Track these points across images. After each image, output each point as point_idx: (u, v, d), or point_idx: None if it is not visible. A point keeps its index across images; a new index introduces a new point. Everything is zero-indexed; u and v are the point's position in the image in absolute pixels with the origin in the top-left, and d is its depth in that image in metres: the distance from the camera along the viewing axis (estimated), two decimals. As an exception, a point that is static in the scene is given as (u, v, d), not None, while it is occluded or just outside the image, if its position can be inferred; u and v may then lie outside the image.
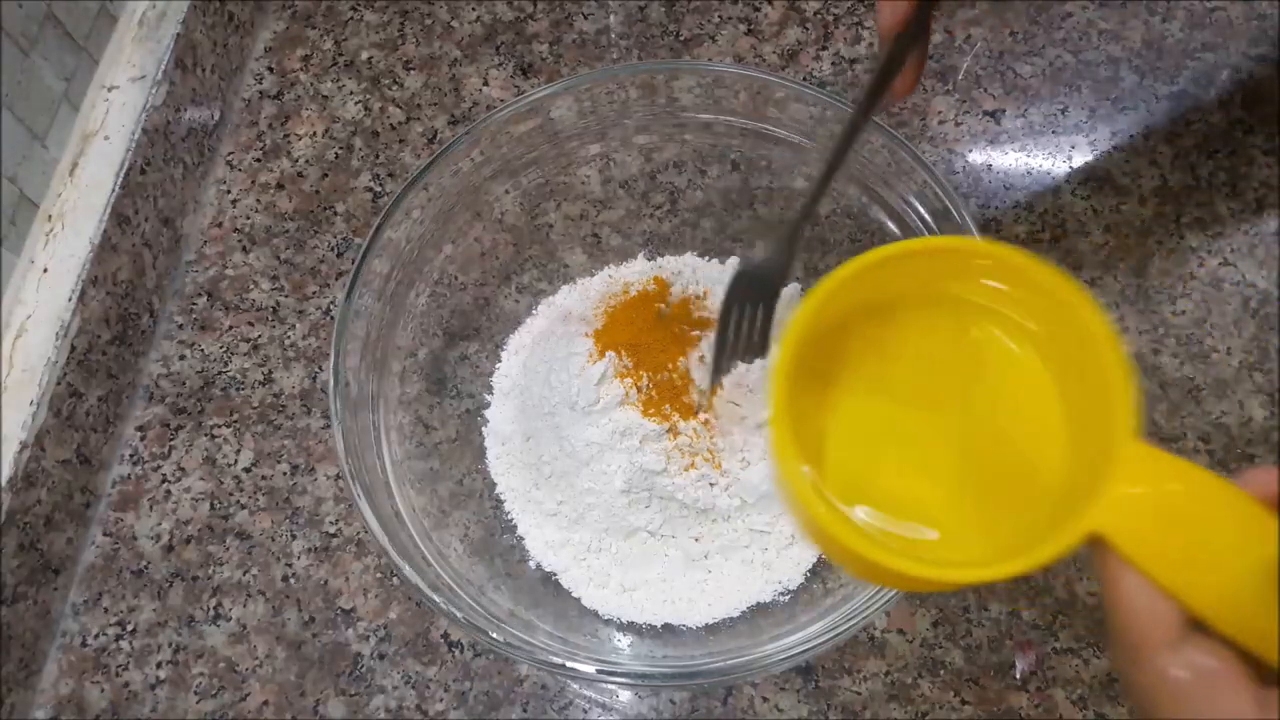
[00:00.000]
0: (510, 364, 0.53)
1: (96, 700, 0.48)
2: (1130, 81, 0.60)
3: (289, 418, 0.54)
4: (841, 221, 0.51)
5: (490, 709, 0.47)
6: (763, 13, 0.64)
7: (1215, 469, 0.52)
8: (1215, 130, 0.58)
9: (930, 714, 0.46)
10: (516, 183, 0.51)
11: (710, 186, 0.54)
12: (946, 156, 0.59)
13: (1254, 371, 0.52)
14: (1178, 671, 0.23)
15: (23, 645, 0.47)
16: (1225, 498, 0.24)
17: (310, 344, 0.56)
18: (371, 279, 0.46)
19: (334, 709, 0.48)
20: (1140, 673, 0.24)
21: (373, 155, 0.61)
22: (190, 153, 0.59)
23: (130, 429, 0.54)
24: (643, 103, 0.50)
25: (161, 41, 0.57)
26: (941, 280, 0.29)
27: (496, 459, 0.51)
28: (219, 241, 0.59)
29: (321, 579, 0.50)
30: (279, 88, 0.64)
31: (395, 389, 0.47)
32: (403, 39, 0.65)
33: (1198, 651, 0.23)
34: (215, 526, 0.52)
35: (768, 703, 0.46)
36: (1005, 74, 0.61)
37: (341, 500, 0.52)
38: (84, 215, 0.52)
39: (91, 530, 0.52)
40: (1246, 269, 0.55)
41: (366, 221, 0.59)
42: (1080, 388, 0.27)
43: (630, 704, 0.47)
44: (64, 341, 0.50)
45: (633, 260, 0.55)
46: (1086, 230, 0.56)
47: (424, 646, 0.49)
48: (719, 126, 0.50)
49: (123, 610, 0.50)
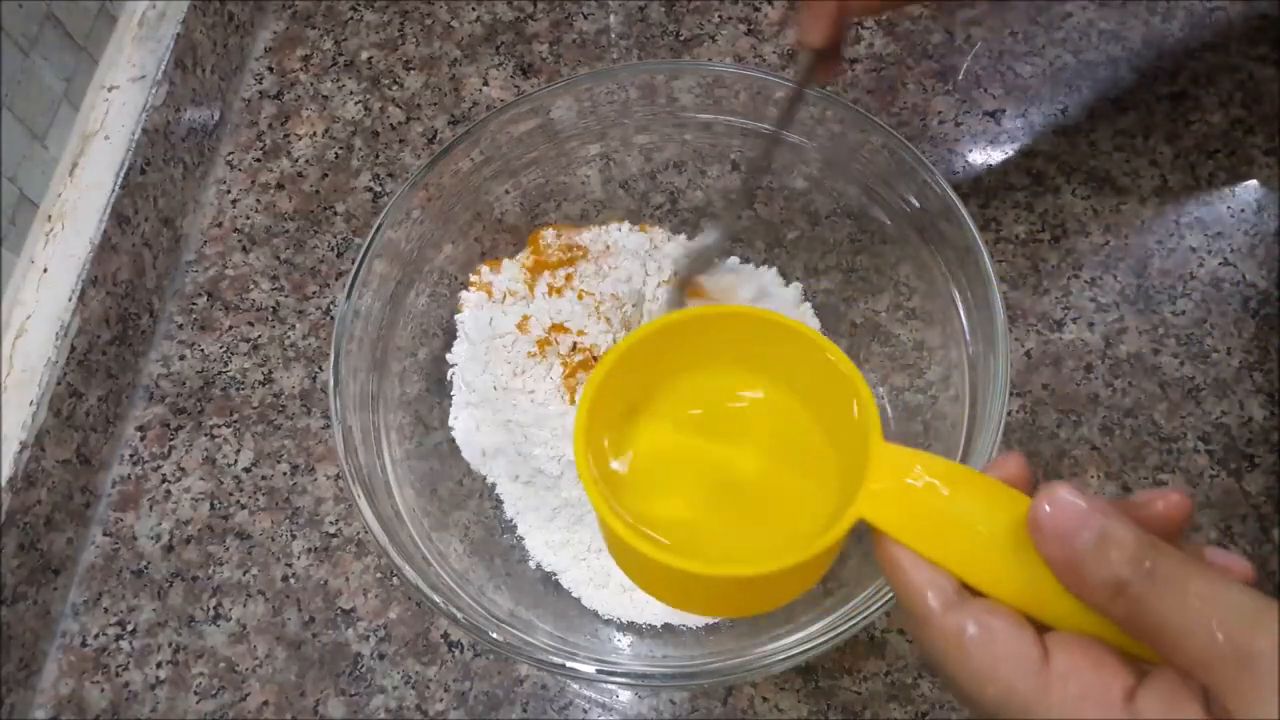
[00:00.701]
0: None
1: (96, 700, 0.48)
2: (1130, 81, 0.60)
3: (289, 418, 0.54)
4: (841, 221, 0.51)
5: (490, 709, 0.47)
6: (763, 13, 0.64)
7: (1215, 469, 0.52)
8: (1215, 130, 0.58)
9: (930, 714, 0.46)
10: (516, 183, 0.51)
11: (710, 186, 0.54)
12: (946, 156, 0.59)
13: (1254, 371, 0.52)
14: (957, 623, 0.25)
15: (23, 645, 0.47)
16: (963, 476, 0.28)
17: (310, 344, 0.56)
18: (371, 279, 0.46)
19: (334, 709, 0.48)
20: (928, 635, 0.26)
21: (373, 155, 0.61)
22: (190, 153, 0.59)
23: (130, 429, 0.54)
24: (643, 103, 0.50)
25: (161, 41, 0.57)
26: (723, 339, 0.34)
27: (492, 464, 0.51)
28: (219, 241, 0.59)
29: (321, 579, 0.50)
30: (279, 88, 0.64)
31: (395, 389, 0.47)
32: (403, 39, 0.65)
33: (975, 607, 0.26)
34: (215, 526, 0.52)
35: (768, 703, 0.46)
36: (1005, 74, 0.61)
37: (341, 500, 0.52)
38: (84, 215, 0.52)
39: (91, 530, 0.52)
40: (1246, 269, 0.55)
41: (366, 221, 0.59)
42: (838, 414, 0.32)
43: (630, 704, 0.47)
44: (64, 341, 0.50)
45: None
46: (1086, 230, 0.56)
47: (424, 646, 0.49)
48: (719, 126, 0.50)
49: (123, 610, 0.50)
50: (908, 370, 0.50)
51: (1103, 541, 0.24)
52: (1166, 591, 0.23)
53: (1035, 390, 0.52)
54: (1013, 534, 0.26)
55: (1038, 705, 0.24)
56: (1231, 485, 0.50)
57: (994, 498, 0.27)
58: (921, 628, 0.26)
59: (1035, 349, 0.53)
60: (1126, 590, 0.24)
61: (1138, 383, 0.52)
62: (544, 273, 0.50)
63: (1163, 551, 0.24)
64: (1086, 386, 0.52)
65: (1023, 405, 0.52)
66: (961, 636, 0.25)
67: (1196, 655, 0.22)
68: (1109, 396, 0.52)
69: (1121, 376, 0.52)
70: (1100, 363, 0.53)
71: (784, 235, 0.54)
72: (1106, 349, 0.53)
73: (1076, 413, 0.52)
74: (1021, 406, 0.52)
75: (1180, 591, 0.23)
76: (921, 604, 0.26)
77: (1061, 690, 0.24)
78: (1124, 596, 0.24)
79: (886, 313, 0.51)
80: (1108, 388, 0.52)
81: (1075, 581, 0.25)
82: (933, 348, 0.48)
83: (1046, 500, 0.25)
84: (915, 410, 0.49)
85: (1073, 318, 0.54)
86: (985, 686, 0.25)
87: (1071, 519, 0.24)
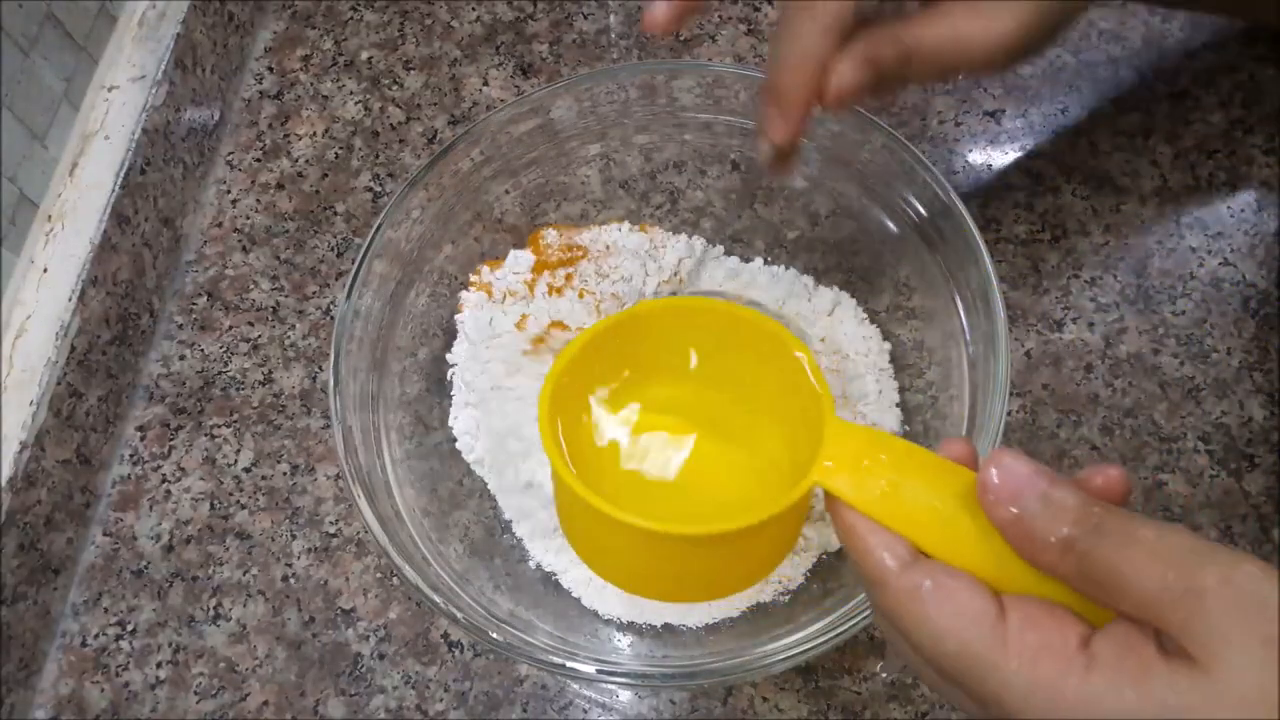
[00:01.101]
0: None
1: (96, 700, 0.48)
2: (1130, 81, 0.60)
3: (289, 418, 0.54)
4: (842, 221, 0.51)
5: (490, 709, 0.47)
6: (763, 13, 0.64)
7: (1215, 469, 0.52)
8: (1215, 130, 0.58)
9: (930, 714, 0.46)
10: (516, 183, 0.51)
11: (710, 186, 0.54)
12: (946, 156, 0.59)
13: (1254, 371, 0.52)
14: (913, 581, 0.26)
15: (23, 645, 0.47)
16: (913, 451, 0.30)
17: (310, 344, 0.56)
18: (371, 279, 0.46)
19: (334, 709, 0.48)
20: (885, 596, 0.27)
21: (373, 155, 0.61)
22: (190, 153, 0.59)
23: (130, 429, 0.54)
24: (643, 103, 0.50)
25: (161, 41, 0.57)
26: (689, 331, 0.37)
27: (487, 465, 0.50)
28: (219, 241, 0.59)
29: (321, 579, 0.50)
30: (279, 88, 0.64)
31: (395, 389, 0.47)
32: (403, 39, 0.65)
33: (930, 565, 0.27)
34: (215, 526, 0.52)
35: (768, 703, 0.46)
36: (1005, 74, 0.61)
37: (341, 500, 0.52)
38: (84, 215, 0.52)
39: (91, 530, 0.52)
40: (1246, 269, 0.55)
41: (366, 221, 0.59)
42: (794, 396, 0.34)
43: (630, 704, 0.47)
44: (64, 341, 0.50)
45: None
46: (1086, 230, 0.56)
47: (424, 646, 0.49)
48: (719, 126, 0.50)
49: (123, 610, 0.50)
50: (908, 370, 0.50)
51: (1048, 501, 0.25)
52: (1114, 543, 0.24)
53: (1035, 390, 0.52)
54: (963, 502, 0.27)
55: (996, 656, 0.24)
56: (1231, 485, 0.50)
57: (944, 470, 0.29)
58: (879, 589, 0.27)
59: (1035, 349, 0.53)
60: (1075, 546, 0.24)
61: (1138, 383, 0.52)
62: (544, 272, 0.50)
63: (1107, 508, 0.25)
64: (1086, 386, 0.52)
65: (1023, 405, 0.52)
66: (918, 591, 0.26)
67: (1148, 598, 0.23)
68: (1109, 396, 0.52)
69: (1121, 376, 0.52)
70: (1100, 363, 0.53)
71: (784, 235, 0.54)
72: (1106, 349, 0.53)
73: (1076, 413, 0.52)
74: (1021, 406, 0.52)
75: (1127, 540, 0.24)
76: (879, 566, 0.27)
77: (1019, 641, 0.24)
78: (1073, 553, 0.25)
79: (886, 313, 0.51)
80: (1108, 388, 0.52)
81: (1025, 542, 0.26)
82: (933, 348, 0.48)
83: (994, 466, 0.26)
84: (915, 410, 0.49)
85: (1073, 318, 0.54)
86: (943, 641, 0.25)
87: (1019, 482, 0.26)
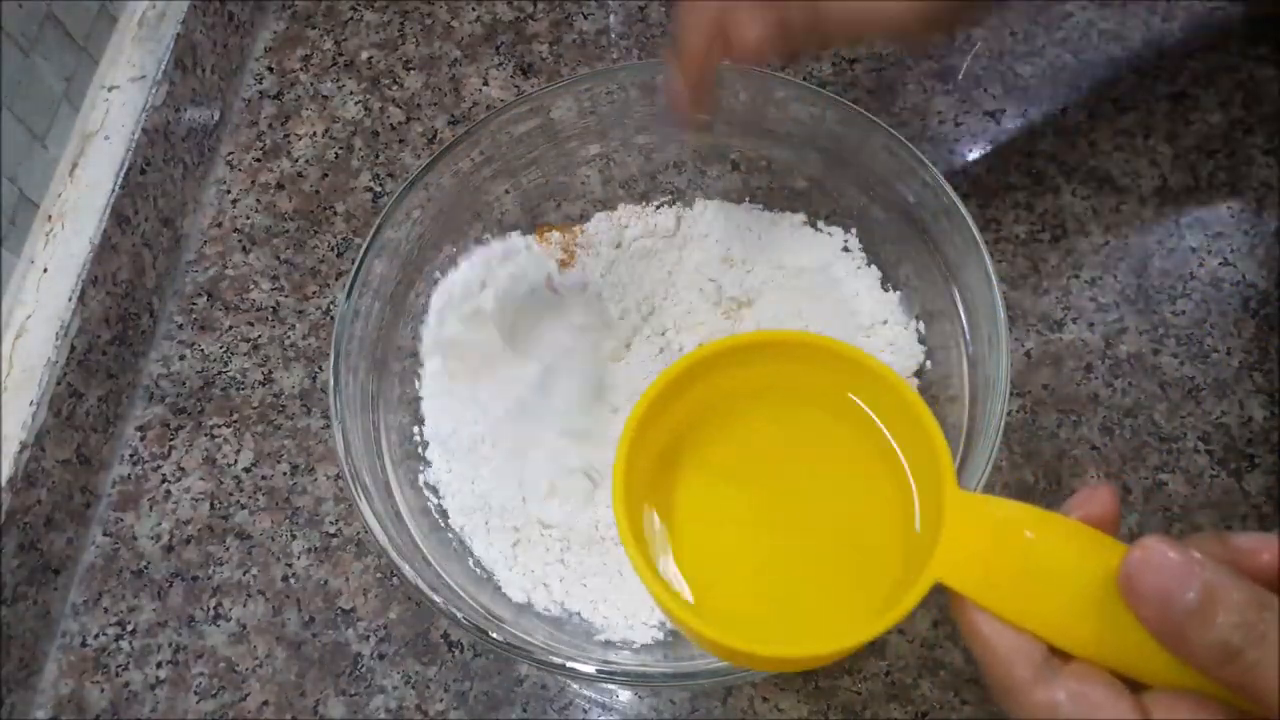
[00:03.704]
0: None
1: (96, 700, 0.48)
2: (1130, 81, 0.60)
3: (289, 418, 0.54)
4: (842, 221, 0.51)
5: (490, 709, 0.47)
6: (763, 13, 0.64)
7: (1215, 469, 0.52)
8: (1215, 130, 0.58)
9: (930, 714, 0.46)
10: (516, 183, 0.51)
11: (710, 186, 0.54)
12: (946, 156, 0.59)
13: (1254, 371, 0.52)
14: (1049, 697, 0.23)
15: (23, 645, 0.47)
16: (1048, 524, 0.25)
17: (310, 344, 0.56)
18: (371, 279, 0.46)
19: (334, 709, 0.48)
20: (1016, 710, 0.24)
21: (373, 155, 0.61)
22: (190, 153, 0.59)
23: (130, 429, 0.54)
24: (643, 103, 0.50)
25: (161, 41, 0.57)
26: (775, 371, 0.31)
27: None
28: (219, 241, 0.59)
29: (321, 579, 0.50)
30: (279, 88, 0.64)
31: (395, 389, 0.47)
32: (403, 39, 0.65)
33: (1067, 678, 0.24)
34: (215, 526, 0.52)
35: (768, 703, 0.46)
36: (1005, 74, 0.61)
37: (341, 500, 0.52)
38: (84, 215, 0.52)
39: (91, 530, 0.52)
40: (1246, 269, 0.55)
41: (366, 221, 0.59)
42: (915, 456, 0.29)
43: (630, 704, 0.47)
44: (64, 341, 0.50)
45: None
46: (1086, 230, 0.56)
47: (424, 646, 0.49)
48: (719, 126, 0.50)
49: (123, 610, 0.50)
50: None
51: (1207, 602, 0.22)
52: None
53: (1035, 390, 0.52)
54: (1103, 587, 0.24)
55: None
56: (1231, 485, 0.50)
57: (1082, 548, 0.25)
58: (1009, 701, 0.25)
59: (1035, 349, 0.53)
60: (1239, 658, 0.21)
61: (1138, 383, 0.52)
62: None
63: (1275, 610, 0.22)
64: (1086, 386, 0.52)
65: (1023, 405, 0.52)
66: (1055, 707, 0.23)
67: None
68: (1109, 396, 0.52)
69: (1121, 376, 0.52)
70: (1100, 363, 0.53)
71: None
72: (1106, 349, 0.53)
73: (1076, 413, 0.52)
74: (1021, 406, 0.52)
75: None
76: (1008, 676, 0.24)
77: None
78: (1235, 664, 0.21)
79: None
80: (1108, 388, 0.52)
81: (1177, 645, 0.22)
82: (933, 348, 0.48)
83: (1140, 557, 0.23)
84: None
85: (1073, 318, 0.54)
86: None
87: (1169, 578, 0.22)
